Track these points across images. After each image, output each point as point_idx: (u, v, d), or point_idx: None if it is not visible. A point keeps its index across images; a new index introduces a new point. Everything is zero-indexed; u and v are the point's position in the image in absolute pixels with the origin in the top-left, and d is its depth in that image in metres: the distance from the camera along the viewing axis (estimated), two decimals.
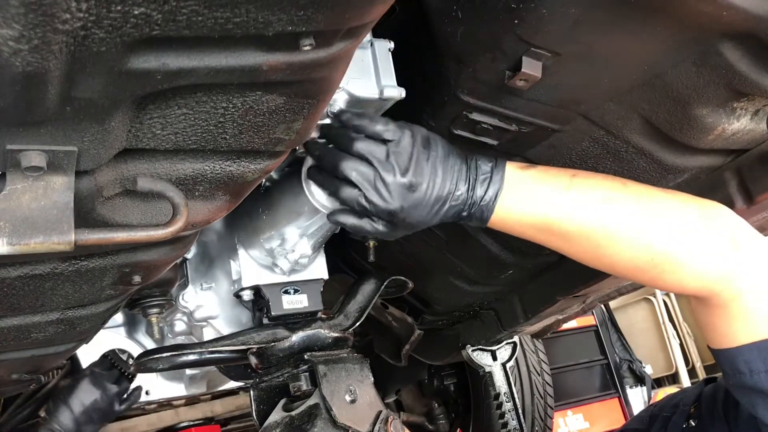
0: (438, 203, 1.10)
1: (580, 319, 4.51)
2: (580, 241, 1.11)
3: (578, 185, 1.10)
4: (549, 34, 0.96)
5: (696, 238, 1.06)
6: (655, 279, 1.11)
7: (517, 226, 1.14)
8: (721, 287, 1.05)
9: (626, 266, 1.11)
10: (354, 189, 1.09)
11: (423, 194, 1.08)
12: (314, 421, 1.21)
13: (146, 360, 1.38)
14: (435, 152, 1.10)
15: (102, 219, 0.89)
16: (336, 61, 0.75)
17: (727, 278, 1.05)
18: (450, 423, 3.10)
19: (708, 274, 1.06)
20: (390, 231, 1.15)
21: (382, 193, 1.07)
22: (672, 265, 1.07)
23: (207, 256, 1.64)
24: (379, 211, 1.09)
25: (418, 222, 1.12)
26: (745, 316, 1.06)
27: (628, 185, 1.11)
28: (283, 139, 0.88)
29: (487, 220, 1.13)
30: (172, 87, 0.70)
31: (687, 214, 1.08)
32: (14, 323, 1.18)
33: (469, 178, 1.11)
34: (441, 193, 1.09)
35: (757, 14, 0.87)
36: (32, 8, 0.52)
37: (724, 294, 1.06)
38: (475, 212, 1.12)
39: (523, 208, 1.11)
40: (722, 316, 1.08)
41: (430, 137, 1.12)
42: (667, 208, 1.08)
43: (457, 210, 1.12)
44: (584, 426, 4.35)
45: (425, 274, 1.88)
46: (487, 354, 2.34)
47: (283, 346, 1.37)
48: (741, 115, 1.09)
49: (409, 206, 1.08)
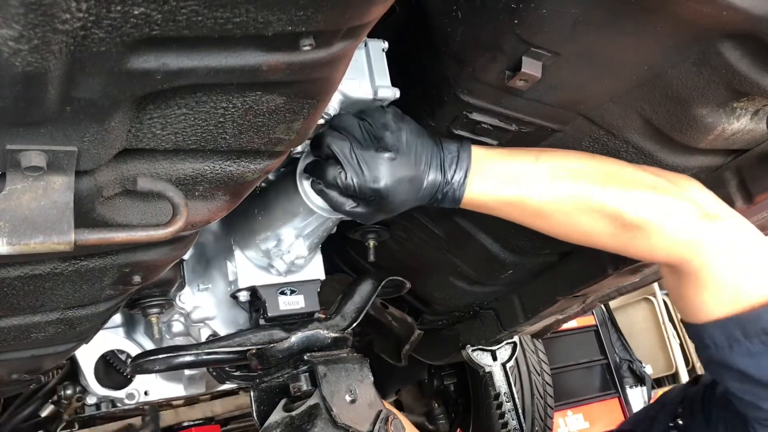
0: (417, 181, 1.11)
1: (580, 319, 4.51)
2: (553, 214, 1.13)
3: (545, 160, 1.12)
4: (549, 34, 0.96)
5: (665, 205, 1.08)
6: (626, 245, 1.13)
7: (490, 203, 1.15)
8: (690, 255, 1.07)
9: (599, 234, 1.13)
10: (336, 167, 1.11)
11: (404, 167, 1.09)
12: (314, 421, 1.21)
13: (143, 361, 1.38)
14: (409, 126, 1.12)
15: (102, 219, 0.89)
16: (336, 61, 0.75)
17: (697, 246, 1.07)
18: (450, 423, 3.10)
19: (678, 241, 1.07)
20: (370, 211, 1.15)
21: (361, 167, 1.08)
22: (643, 231, 1.08)
23: (204, 257, 1.64)
24: (362, 189, 1.09)
25: (398, 202, 1.12)
26: (713, 286, 1.08)
27: (597, 157, 1.14)
28: (283, 139, 0.88)
29: (459, 200, 1.14)
30: (172, 87, 0.70)
31: (657, 182, 1.10)
32: (14, 323, 1.18)
33: (440, 159, 1.13)
34: (417, 170, 1.10)
35: (757, 14, 0.87)
36: (32, 8, 0.52)
37: (693, 262, 1.07)
38: (448, 192, 1.13)
39: (494, 186, 1.13)
40: (690, 286, 1.11)
41: (403, 115, 1.14)
42: (636, 178, 1.10)
43: (432, 191, 1.13)
44: (584, 426, 4.35)
45: (425, 273, 1.88)
46: (487, 354, 2.34)
47: (283, 346, 1.37)
48: (741, 115, 1.09)
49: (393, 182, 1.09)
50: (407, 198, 1.12)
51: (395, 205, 1.13)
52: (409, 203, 1.14)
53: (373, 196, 1.11)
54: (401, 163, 1.09)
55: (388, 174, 1.08)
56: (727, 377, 1.11)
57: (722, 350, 1.09)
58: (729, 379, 1.11)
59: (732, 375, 1.09)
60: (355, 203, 1.14)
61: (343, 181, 1.10)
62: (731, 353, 1.08)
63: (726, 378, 1.12)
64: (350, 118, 1.12)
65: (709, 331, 1.10)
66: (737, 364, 1.07)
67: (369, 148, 1.09)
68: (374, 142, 1.09)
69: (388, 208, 1.15)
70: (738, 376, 1.09)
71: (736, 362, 1.07)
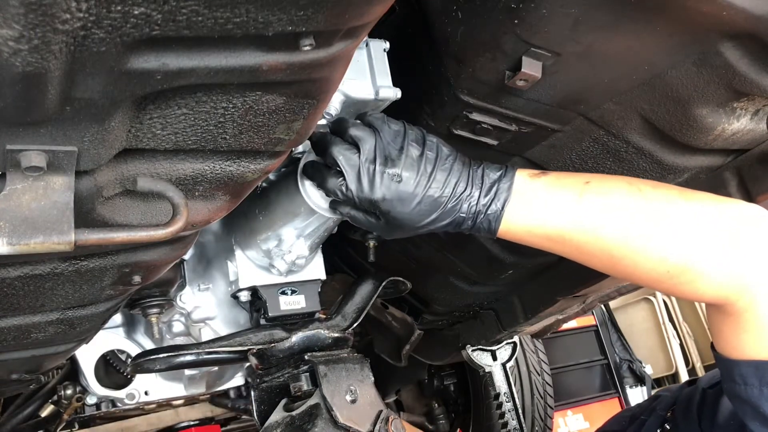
0: (430, 203, 1.08)
1: (580, 319, 4.50)
2: (595, 252, 1.09)
3: (591, 194, 1.07)
4: (549, 34, 0.96)
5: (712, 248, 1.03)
6: (670, 289, 1.09)
7: (528, 236, 1.11)
8: (737, 296, 1.03)
9: (641, 276, 1.09)
10: (338, 178, 1.09)
11: (411, 189, 1.06)
12: (315, 421, 1.21)
13: (143, 361, 1.38)
14: (431, 152, 1.09)
15: (102, 219, 0.89)
16: (336, 61, 0.75)
17: (743, 288, 1.03)
18: (450, 423, 3.10)
19: (724, 286, 1.04)
20: (378, 226, 1.13)
21: (363, 181, 1.06)
22: (687, 276, 1.04)
23: (204, 257, 1.64)
24: (362, 200, 1.08)
25: (404, 219, 1.09)
26: (755, 328, 1.04)
27: (645, 191, 1.07)
28: (283, 139, 0.88)
29: (495, 231, 1.11)
30: (172, 87, 0.70)
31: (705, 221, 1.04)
32: (14, 323, 1.18)
33: (473, 186, 1.09)
34: (434, 193, 1.07)
35: (757, 14, 0.87)
36: (32, 8, 0.52)
37: (739, 303, 1.04)
38: (482, 222, 1.10)
39: (534, 219, 1.09)
40: (732, 325, 1.07)
41: (427, 137, 1.11)
42: (685, 216, 1.05)
43: (459, 219, 1.10)
44: (584, 426, 4.35)
45: (425, 274, 1.88)
46: (487, 354, 2.34)
47: (284, 346, 1.37)
48: (741, 115, 1.09)
49: (393, 198, 1.06)
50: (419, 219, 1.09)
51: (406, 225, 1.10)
52: (427, 226, 1.11)
53: (374, 210, 1.10)
54: (409, 184, 1.06)
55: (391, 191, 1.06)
56: (750, 416, 1.09)
57: (752, 390, 1.06)
58: (752, 418, 1.08)
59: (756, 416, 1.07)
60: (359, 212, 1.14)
61: (343, 192, 1.09)
62: (761, 395, 1.05)
63: (748, 417, 1.09)
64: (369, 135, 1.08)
65: (742, 368, 1.07)
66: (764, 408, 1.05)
67: (378, 165, 1.06)
68: (385, 162, 1.06)
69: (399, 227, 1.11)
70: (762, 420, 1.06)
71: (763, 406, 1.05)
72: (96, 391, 2.01)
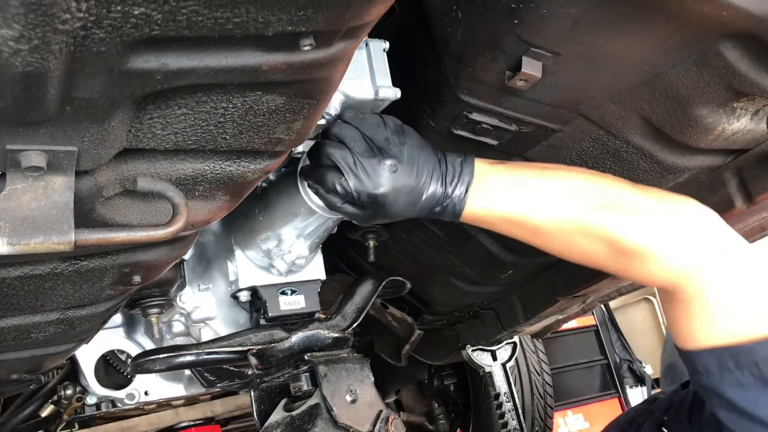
0: (416, 192, 1.11)
1: (580, 319, 4.50)
2: (552, 235, 1.13)
3: (548, 179, 1.12)
4: (549, 34, 0.96)
5: (664, 231, 1.07)
6: (624, 269, 1.13)
7: (490, 220, 1.15)
8: (685, 283, 1.06)
9: (598, 257, 1.13)
10: (335, 173, 1.11)
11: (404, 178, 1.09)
12: (315, 421, 1.21)
13: (143, 361, 1.38)
14: (411, 140, 1.12)
15: (102, 219, 0.89)
16: (336, 61, 0.75)
17: (693, 274, 1.06)
18: (450, 423, 3.10)
19: (674, 269, 1.07)
20: (362, 215, 1.16)
21: (360, 175, 1.09)
22: (640, 257, 1.08)
23: (204, 257, 1.64)
24: (360, 193, 1.10)
25: (395, 209, 1.13)
26: (705, 314, 1.07)
27: (598, 178, 1.13)
28: (283, 139, 0.88)
29: (459, 214, 1.14)
30: (172, 87, 0.70)
31: (657, 208, 1.09)
32: (14, 323, 1.18)
33: (442, 173, 1.13)
34: (417, 182, 1.11)
35: (757, 14, 0.87)
36: (32, 8, 0.52)
37: (688, 289, 1.07)
38: (448, 206, 1.14)
39: (494, 202, 1.13)
40: (684, 312, 1.10)
41: (405, 127, 1.14)
42: (637, 202, 1.09)
43: (432, 204, 1.13)
44: (584, 426, 4.35)
45: (425, 274, 1.88)
46: (487, 354, 2.34)
47: (284, 346, 1.37)
48: (741, 115, 1.09)
49: (390, 190, 1.09)
50: (404, 209, 1.13)
51: (392, 214, 1.14)
52: (407, 214, 1.15)
53: (371, 203, 1.11)
54: (402, 173, 1.10)
55: (389, 183, 1.09)
56: (716, 404, 1.11)
57: (713, 377, 1.08)
58: (718, 406, 1.10)
59: (721, 403, 1.09)
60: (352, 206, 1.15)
61: (344, 187, 1.10)
62: (722, 382, 1.07)
63: (715, 405, 1.11)
64: (351, 130, 1.12)
65: (702, 358, 1.09)
66: (727, 393, 1.07)
67: (372, 158, 1.09)
68: (377, 153, 1.10)
69: (384, 215, 1.15)
70: (726, 405, 1.08)
71: (725, 391, 1.07)
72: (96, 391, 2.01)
